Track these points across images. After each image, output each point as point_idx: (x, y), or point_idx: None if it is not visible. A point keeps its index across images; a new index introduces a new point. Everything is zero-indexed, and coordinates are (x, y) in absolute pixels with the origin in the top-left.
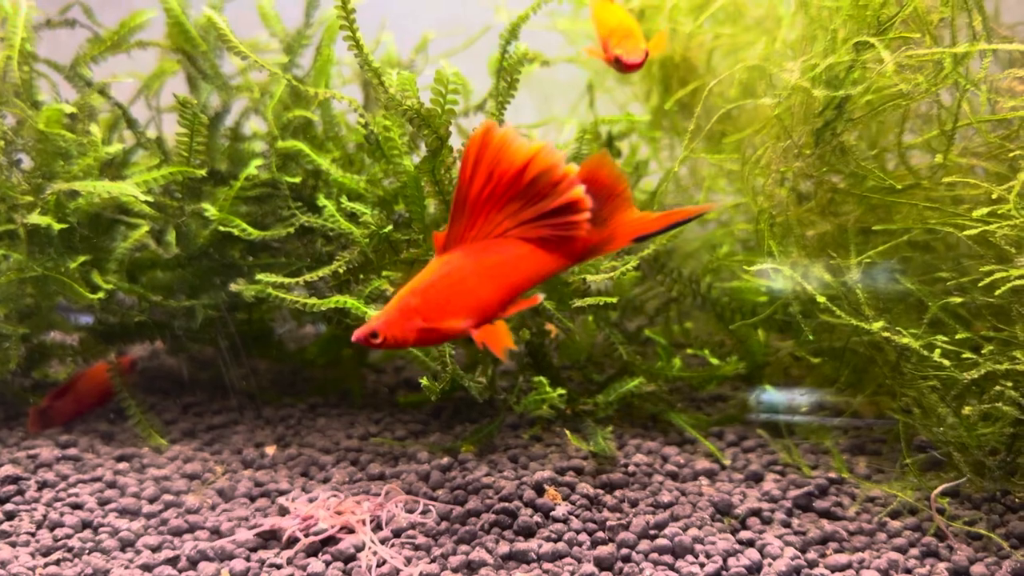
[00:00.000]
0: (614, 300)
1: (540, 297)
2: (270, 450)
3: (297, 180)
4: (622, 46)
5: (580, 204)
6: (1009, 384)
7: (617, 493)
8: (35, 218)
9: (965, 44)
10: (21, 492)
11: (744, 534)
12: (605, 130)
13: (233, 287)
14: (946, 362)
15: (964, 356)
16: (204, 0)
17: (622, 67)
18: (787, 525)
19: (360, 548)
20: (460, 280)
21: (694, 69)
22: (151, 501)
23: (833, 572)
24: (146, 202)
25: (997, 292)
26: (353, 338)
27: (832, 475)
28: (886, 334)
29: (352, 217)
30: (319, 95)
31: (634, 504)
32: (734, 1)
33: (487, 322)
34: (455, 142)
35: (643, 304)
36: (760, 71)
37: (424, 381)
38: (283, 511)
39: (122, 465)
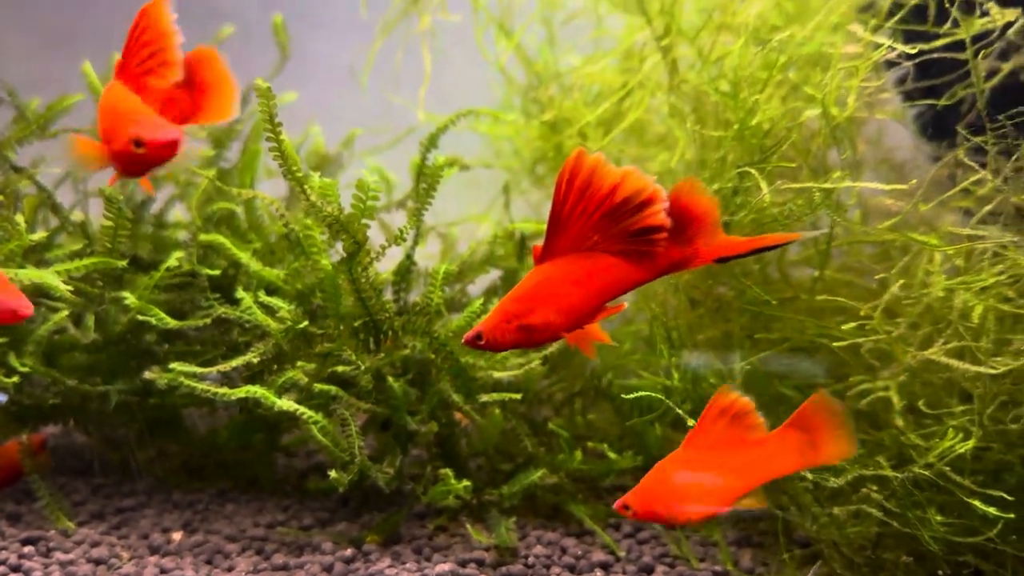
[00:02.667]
0: (519, 396)
1: (625, 304)
2: (177, 536)
3: (217, 273)
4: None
5: (660, 224)
6: (874, 488)
7: None
8: None
9: (836, 174)
10: None
11: None
12: (519, 233)
13: (148, 375)
14: (809, 475)
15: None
16: None
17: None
18: None
19: None
20: (553, 288)
21: None
22: None
23: None
24: (67, 288)
25: (863, 403)
26: (463, 341)
27: (718, 568)
28: None
29: (269, 310)
30: (241, 194)
31: None
32: (640, 119)
33: (577, 327)
34: (378, 238)
35: (550, 396)
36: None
37: (333, 473)
38: None
39: (28, 548)
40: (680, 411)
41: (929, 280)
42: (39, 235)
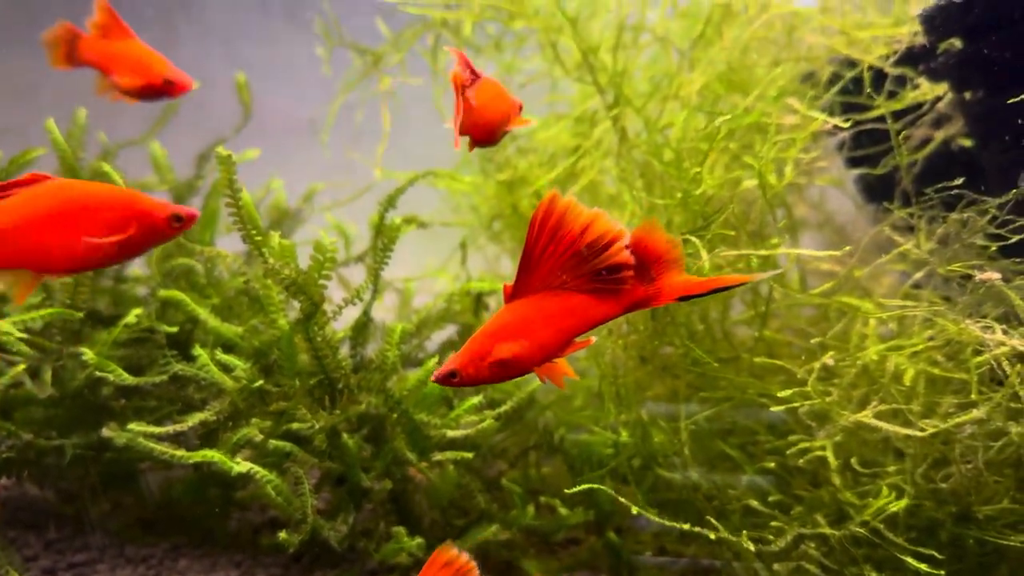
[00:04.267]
0: (471, 455)
1: (594, 339)
2: None
3: (175, 330)
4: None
5: (624, 262)
6: (813, 545)
7: None
8: None
9: (774, 241)
10: None
11: None
12: (475, 291)
13: (105, 432)
14: (751, 546)
15: (773, 523)
16: (98, 143)
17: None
18: None
19: None
20: (525, 324)
21: None
22: None
23: None
24: (24, 340)
25: (801, 461)
26: (432, 379)
27: None
28: (696, 529)
29: (225, 368)
30: (203, 251)
31: None
32: (593, 180)
33: (547, 361)
34: (336, 292)
35: (504, 450)
36: None
37: (283, 535)
38: None
39: None
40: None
41: (864, 344)
42: None
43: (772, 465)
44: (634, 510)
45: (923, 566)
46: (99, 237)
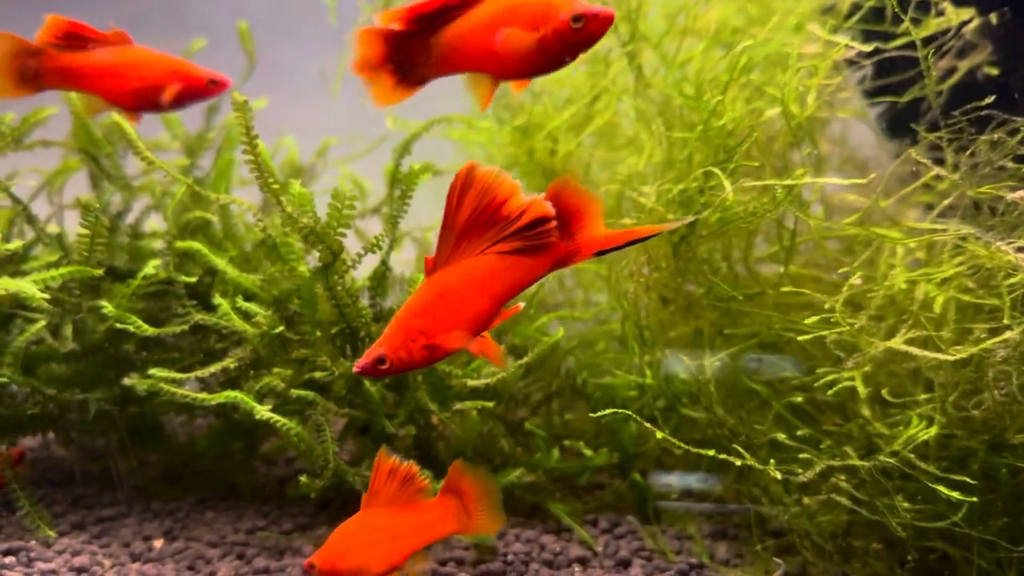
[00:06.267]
0: (491, 404)
1: (521, 306)
2: (158, 543)
3: (193, 280)
4: None
5: (547, 216)
6: (843, 477)
7: None
8: None
9: (798, 172)
10: None
11: None
12: None
13: (126, 381)
14: (778, 474)
15: (802, 455)
16: None
17: None
18: None
19: None
20: (453, 296)
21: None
22: None
23: None
24: (44, 298)
25: (830, 392)
26: (356, 369)
27: (693, 560)
28: (721, 456)
29: (246, 316)
30: (219, 200)
31: None
32: (609, 122)
33: (479, 334)
34: (351, 241)
35: (526, 396)
36: (630, 185)
37: (303, 479)
38: None
39: (8, 559)
40: (654, 408)
41: (891, 273)
42: (15, 244)
43: (800, 399)
44: (658, 435)
45: (955, 494)
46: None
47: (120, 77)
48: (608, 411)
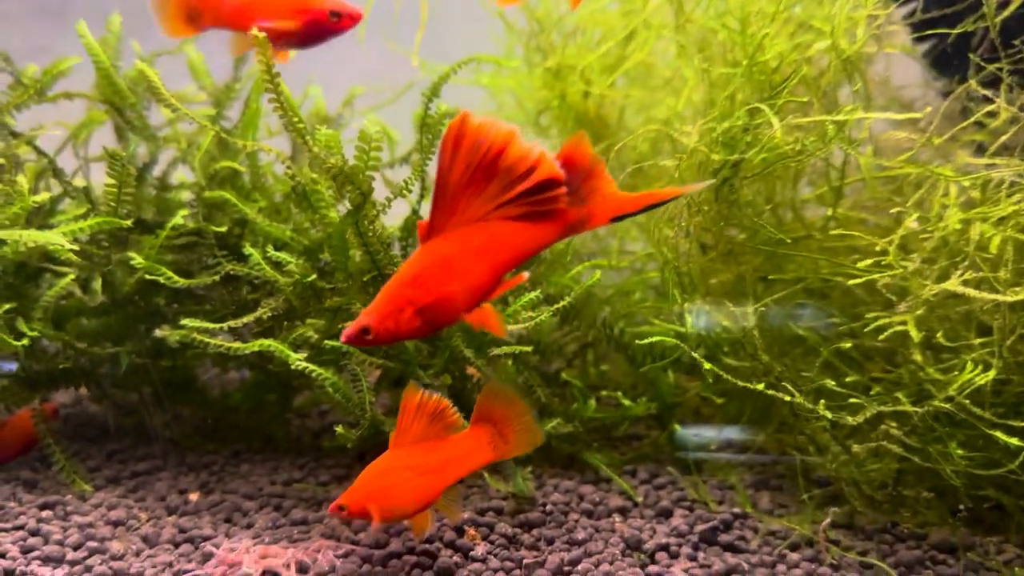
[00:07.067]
0: (529, 348)
1: (526, 275)
2: (194, 496)
3: (223, 229)
4: None
5: (557, 179)
6: (894, 424)
7: (534, 532)
8: None
9: (847, 108)
10: None
11: (652, 568)
12: None
13: (158, 333)
14: (828, 414)
15: (852, 399)
16: (133, 52)
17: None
18: (693, 559)
19: None
20: (448, 264)
21: (607, 124)
22: (75, 548)
23: None
24: (72, 251)
25: (881, 337)
26: (342, 339)
27: (736, 510)
28: (770, 392)
29: (277, 266)
30: (247, 147)
31: (550, 542)
32: (644, 62)
33: (477, 305)
34: (381, 193)
35: (561, 347)
36: (667, 127)
37: (340, 429)
38: (207, 556)
39: (45, 513)
40: (695, 355)
41: (945, 213)
42: (42, 196)
43: (848, 346)
44: (705, 360)
45: (1014, 440)
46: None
47: (257, 15)
48: (651, 364)
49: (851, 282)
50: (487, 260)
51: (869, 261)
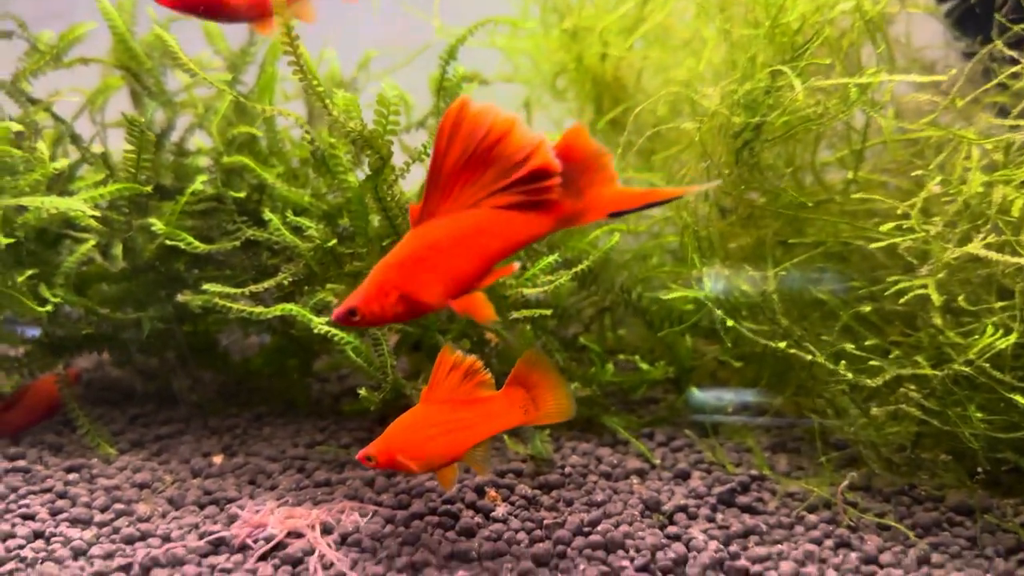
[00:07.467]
0: (549, 312)
1: (516, 265)
2: (217, 459)
3: (242, 195)
4: None
5: (550, 169)
6: (913, 387)
7: (554, 493)
8: None
9: (870, 71)
10: None
11: (671, 529)
12: None
13: (180, 298)
14: (849, 374)
15: (872, 363)
16: (148, 18)
17: None
18: (711, 520)
19: (309, 552)
20: (436, 251)
21: (625, 87)
22: (102, 510)
23: (754, 563)
24: (93, 217)
25: (902, 301)
26: (332, 317)
27: (754, 472)
28: (792, 351)
29: (297, 231)
30: (265, 111)
31: (570, 503)
32: (662, 23)
33: (465, 292)
34: (398, 159)
35: (579, 312)
36: (687, 89)
37: (362, 391)
38: (233, 518)
39: (72, 476)
40: (721, 313)
41: (967, 176)
42: (61, 163)
43: (867, 309)
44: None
45: None
46: None
47: None
48: (669, 328)
49: (872, 245)
50: (476, 249)
51: (891, 225)
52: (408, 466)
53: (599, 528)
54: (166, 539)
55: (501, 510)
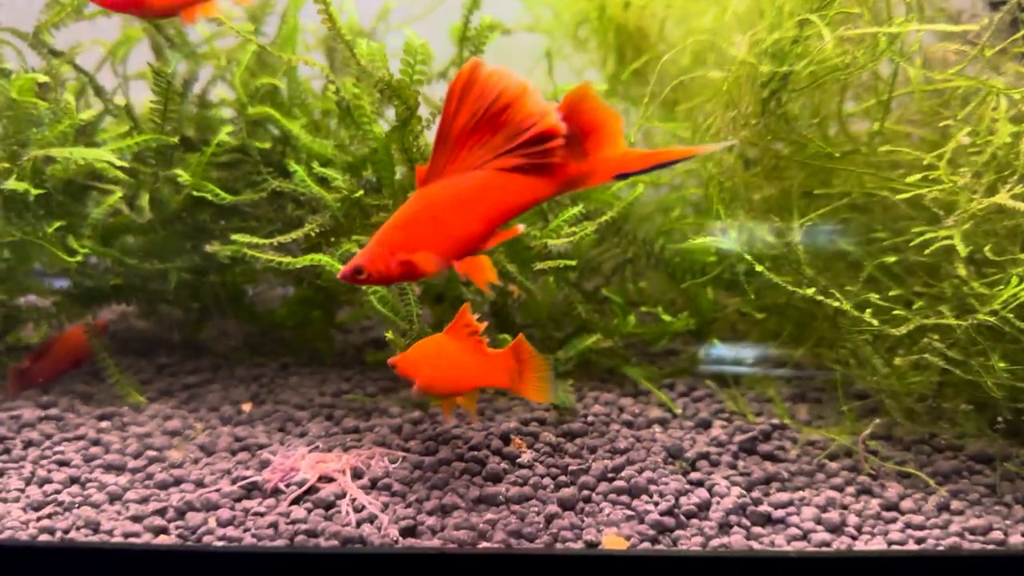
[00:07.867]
0: (573, 263)
1: (520, 228)
2: (246, 407)
3: (267, 146)
4: None
5: (554, 131)
6: (936, 337)
7: (577, 441)
8: (12, 184)
9: (899, 20)
10: (7, 451)
11: (694, 475)
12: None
13: (208, 249)
14: (875, 322)
15: (896, 312)
16: None
17: None
18: (733, 467)
19: (340, 496)
20: (440, 212)
21: (647, 37)
22: (135, 457)
23: (776, 509)
24: (120, 168)
25: (927, 251)
26: (339, 276)
27: (775, 421)
28: (819, 297)
29: (323, 182)
30: (290, 61)
31: (593, 451)
32: None
33: (469, 254)
34: (422, 111)
35: (600, 265)
36: (711, 40)
37: (389, 335)
38: (265, 464)
39: (104, 424)
40: (750, 257)
41: (994, 127)
42: (87, 114)
43: (892, 260)
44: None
45: None
46: None
47: None
48: (691, 280)
49: (898, 196)
50: (478, 211)
51: (917, 176)
52: (420, 383)
53: (623, 474)
54: (199, 484)
55: (527, 456)
